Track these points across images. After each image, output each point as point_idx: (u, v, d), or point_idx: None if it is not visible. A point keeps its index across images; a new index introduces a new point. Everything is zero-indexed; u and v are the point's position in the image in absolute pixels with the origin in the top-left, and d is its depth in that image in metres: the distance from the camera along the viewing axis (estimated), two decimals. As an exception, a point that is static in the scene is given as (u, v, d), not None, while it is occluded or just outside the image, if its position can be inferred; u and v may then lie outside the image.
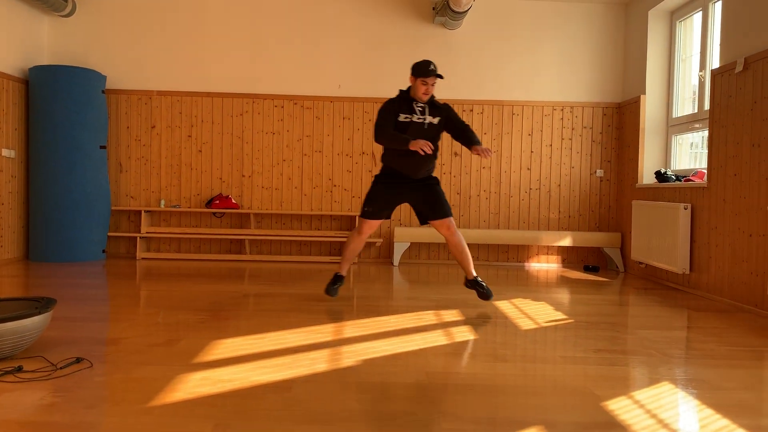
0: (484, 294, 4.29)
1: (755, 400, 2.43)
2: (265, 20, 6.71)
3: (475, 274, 4.35)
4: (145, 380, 2.49)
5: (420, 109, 4.20)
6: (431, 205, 4.27)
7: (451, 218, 4.27)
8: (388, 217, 4.39)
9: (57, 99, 6.08)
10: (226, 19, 6.71)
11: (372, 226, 4.31)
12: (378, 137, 4.13)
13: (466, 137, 4.22)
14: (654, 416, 2.23)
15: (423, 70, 4.11)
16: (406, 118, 4.17)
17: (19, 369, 2.55)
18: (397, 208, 6.70)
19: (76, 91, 6.13)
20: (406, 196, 4.32)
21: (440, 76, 4.12)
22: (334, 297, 4.41)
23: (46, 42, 6.64)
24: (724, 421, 2.19)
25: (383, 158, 4.33)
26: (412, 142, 3.92)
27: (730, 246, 4.61)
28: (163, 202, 6.67)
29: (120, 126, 6.72)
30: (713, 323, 3.92)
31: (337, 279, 4.40)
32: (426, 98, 4.19)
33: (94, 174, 6.28)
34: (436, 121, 4.23)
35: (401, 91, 4.27)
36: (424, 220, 4.34)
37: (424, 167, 4.24)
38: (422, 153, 3.89)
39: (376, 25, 6.73)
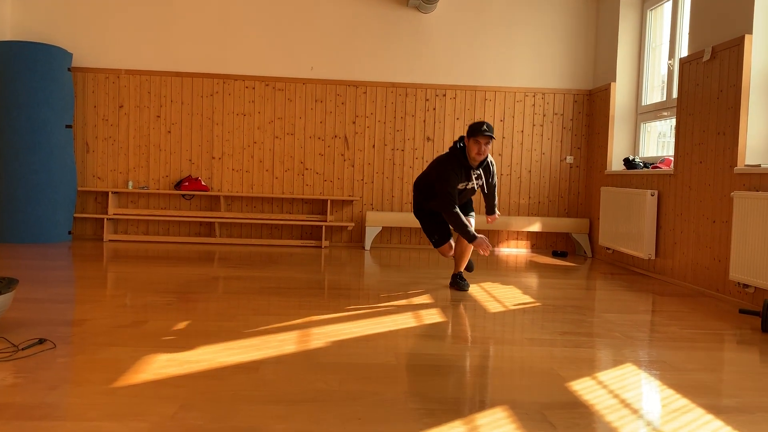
0: (461, 286, 4.37)
1: (714, 381, 2.50)
2: None
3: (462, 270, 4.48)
4: (109, 361, 2.46)
5: (476, 174, 4.26)
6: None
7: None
8: (449, 232, 4.53)
9: (20, 76, 5.92)
10: (197, -2, 6.59)
11: (446, 250, 4.51)
12: (450, 219, 4.12)
13: (489, 201, 4.51)
14: (617, 396, 2.27)
15: (477, 131, 4.05)
16: (463, 185, 4.24)
17: (-20, 350, 2.50)
18: (370, 190, 6.71)
19: (40, 69, 5.98)
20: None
21: (492, 136, 4.08)
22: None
23: (9, 18, 6.45)
24: (683, 401, 2.25)
25: (424, 200, 4.48)
26: (477, 242, 4.00)
27: (695, 232, 4.71)
28: (131, 183, 6.56)
29: (86, 105, 6.57)
30: (676, 307, 4.01)
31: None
32: (480, 158, 4.15)
33: (59, 154, 6.15)
34: (482, 181, 4.35)
35: (455, 152, 4.18)
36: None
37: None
38: (481, 253, 4.00)
39: (349, 7, 6.67)
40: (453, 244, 4.51)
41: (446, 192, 4.11)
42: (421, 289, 4.28)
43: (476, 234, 4.05)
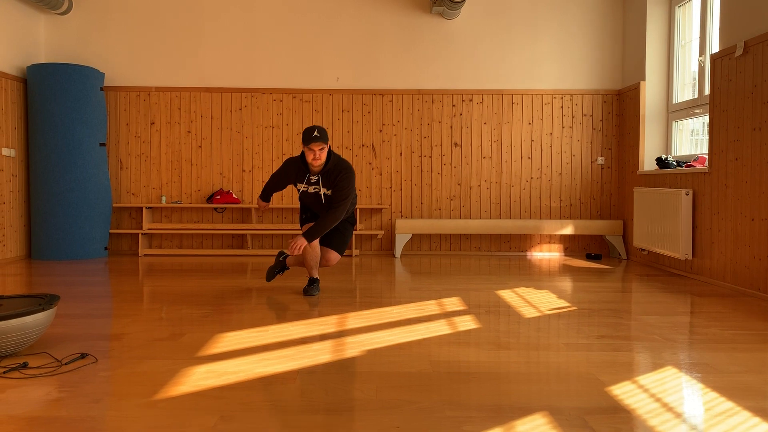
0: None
1: (759, 383, 2.43)
2: (261, 14, 6.69)
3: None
4: (149, 374, 2.50)
5: (313, 180, 4.15)
6: (331, 237, 4.36)
7: (339, 255, 4.37)
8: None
9: (55, 97, 6.07)
10: (223, 14, 6.69)
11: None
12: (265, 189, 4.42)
13: (315, 220, 4.30)
14: (658, 400, 2.23)
15: (305, 138, 3.97)
16: (302, 186, 4.21)
17: (25, 365, 2.56)
18: (398, 198, 6.71)
19: (74, 89, 6.13)
20: None
21: (323, 140, 3.94)
22: (314, 297, 4.24)
23: (43, 40, 6.63)
24: (728, 404, 2.19)
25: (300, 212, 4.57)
26: (259, 202, 4.42)
27: (733, 231, 4.61)
28: (164, 198, 6.67)
29: (119, 123, 6.71)
30: (716, 308, 3.92)
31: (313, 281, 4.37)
32: (317, 164, 4.04)
33: (94, 171, 6.28)
34: (330, 192, 4.15)
35: (302, 156, 4.17)
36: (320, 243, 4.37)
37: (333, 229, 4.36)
38: (258, 212, 4.00)
39: (373, 16, 6.71)
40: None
41: (274, 173, 4.38)
42: (453, 296, 4.26)
43: (261, 197, 4.39)
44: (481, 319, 3.55)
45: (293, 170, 4.20)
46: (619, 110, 6.74)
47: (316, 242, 4.20)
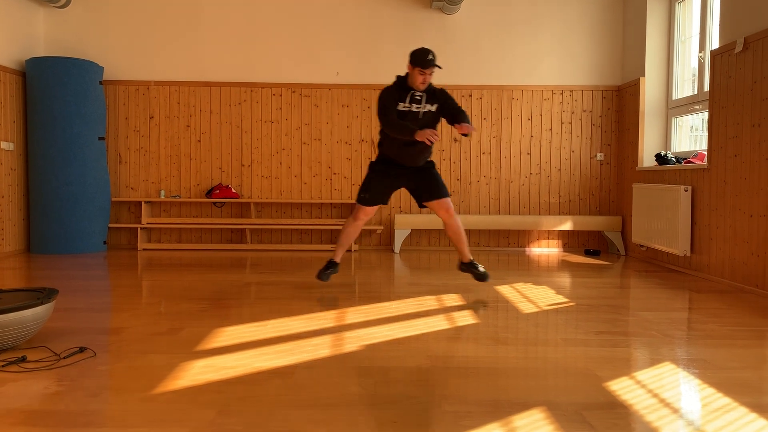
0: (480, 276, 4.29)
1: (757, 379, 2.44)
2: (261, 8, 6.68)
3: (470, 257, 4.34)
4: (148, 368, 2.50)
5: (418, 97, 4.13)
6: (428, 186, 4.25)
7: (449, 199, 4.25)
8: (385, 202, 4.36)
9: (54, 91, 6.06)
10: (223, 8, 6.67)
11: (368, 212, 4.30)
12: (386, 126, 4.07)
13: (456, 119, 4.11)
14: (656, 396, 2.24)
15: (421, 61, 3.99)
16: (405, 107, 4.12)
17: (23, 359, 2.56)
18: (398, 195, 6.71)
19: (73, 83, 6.12)
20: (402, 181, 4.30)
21: (438, 67, 4.04)
22: (325, 282, 4.36)
23: (42, 33, 6.61)
24: (725, 400, 2.20)
25: (381, 146, 4.30)
26: (419, 133, 3.89)
27: (731, 227, 4.61)
28: (163, 192, 6.67)
29: (118, 117, 6.70)
30: (714, 304, 3.93)
31: (331, 265, 4.36)
32: (423, 87, 4.12)
33: (93, 165, 6.27)
34: (434, 108, 4.17)
35: (398, 77, 4.19)
36: (421, 203, 4.31)
37: (422, 156, 4.23)
38: (429, 143, 3.88)
39: (373, 10, 6.69)
40: (370, 213, 4.30)
41: (381, 107, 4.08)
42: (452, 291, 4.26)
43: (416, 128, 3.95)
44: (480, 315, 3.55)
45: (395, 94, 4.11)
46: (618, 106, 6.74)
47: (461, 225, 4.25)
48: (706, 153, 5.10)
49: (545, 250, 6.76)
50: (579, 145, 6.79)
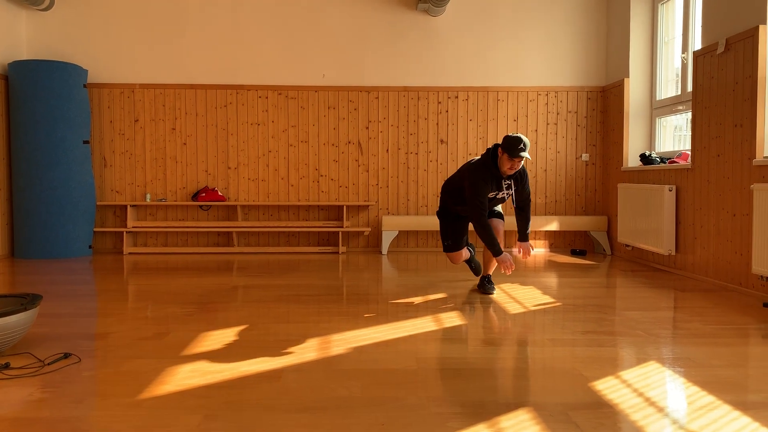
0: (487, 289, 4.33)
1: (740, 377, 2.46)
2: (246, 11, 6.66)
3: (490, 273, 4.44)
4: (134, 374, 2.48)
5: (506, 184, 4.21)
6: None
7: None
8: (466, 242, 4.62)
9: (38, 94, 6.01)
10: (208, 10, 6.65)
11: (457, 256, 4.55)
12: (476, 225, 4.10)
13: (522, 222, 4.32)
14: (641, 394, 2.25)
15: (512, 149, 3.95)
16: (493, 195, 4.21)
17: (6, 366, 2.54)
18: (385, 195, 6.72)
19: (57, 86, 6.07)
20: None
21: (527, 157, 4.06)
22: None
23: (25, 36, 6.55)
24: (710, 398, 2.22)
25: (453, 204, 4.44)
26: (500, 258, 4.03)
27: (715, 226, 4.66)
28: (148, 196, 6.63)
29: (103, 120, 6.65)
30: (699, 303, 3.96)
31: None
32: (511, 172, 4.11)
33: (78, 169, 6.22)
34: (513, 191, 4.26)
35: (486, 161, 4.12)
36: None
37: None
38: (502, 272, 4.17)
39: (358, 13, 6.69)
40: (463, 254, 4.56)
41: (476, 202, 4.07)
42: (440, 292, 4.27)
43: (502, 250, 4.06)
44: (467, 316, 3.56)
45: (488, 183, 4.13)
46: (603, 107, 6.79)
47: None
48: (689, 153, 5.15)
49: (532, 251, 6.78)
50: (564, 146, 6.83)
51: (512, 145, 3.95)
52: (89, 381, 2.40)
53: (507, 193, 4.24)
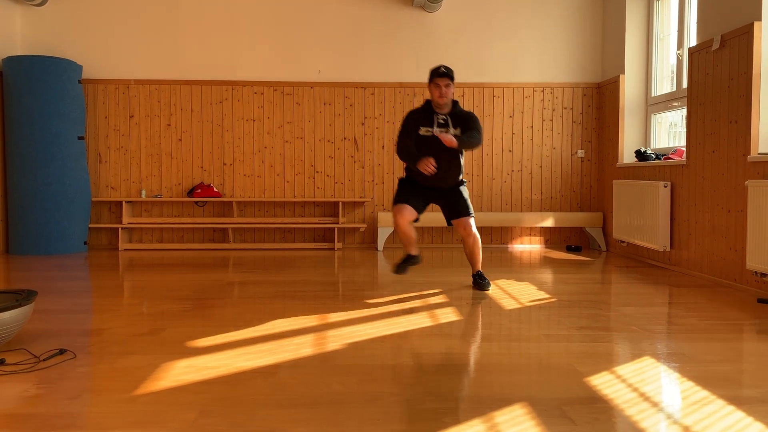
0: (480, 285, 4.25)
1: (735, 372, 2.48)
2: (242, 6, 6.64)
3: (479, 269, 4.32)
4: (129, 369, 2.48)
5: (443, 121, 4.10)
6: (451, 205, 4.23)
7: (470, 219, 4.19)
8: (420, 210, 4.21)
9: (32, 90, 5.98)
10: (204, 6, 6.63)
11: (404, 214, 4.11)
12: (398, 152, 4.11)
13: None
14: (636, 390, 2.26)
15: (433, 72, 4.02)
16: (428, 131, 4.08)
17: (2, 362, 2.53)
18: (381, 191, 6.71)
19: (51, 82, 6.04)
20: (432, 197, 4.26)
21: (449, 76, 4.01)
22: (404, 274, 4.35)
23: (20, 32, 6.52)
24: (704, 393, 2.23)
25: (405, 169, 4.29)
26: (419, 162, 3.88)
27: (710, 222, 4.67)
28: (144, 192, 6.61)
29: (98, 116, 6.63)
30: (694, 299, 3.98)
31: (410, 257, 4.31)
32: (443, 101, 4.06)
33: (73, 165, 6.20)
34: (458, 132, 4.08)
35: (426, 100, 4.17)
36: (448, 221, 4.29)
37: (447, 177, 4.15)
38: (426, 172, 3.86)
39: (354, 8, 6.68)
40: (409, 214, 4.14)
41: (400, 129, 4.15)
42: (435, 288, 4.27)
43: (418, 156, 3.95)
44: (463, 311, 3.57)
45: (418, 116, 4.10)
46: (598, 103, 6.80)
47: (477, 246, 4.23)
48: (684, 149, 5.16)
49: (527, 247, 6.80)
50: (560, 142, 6.84)
51: (433, 71, 4.05)
52: (84, 377, 2.40)
53: (446, 131, 4.03)
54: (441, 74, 4.02)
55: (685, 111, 5.24)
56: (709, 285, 4.45)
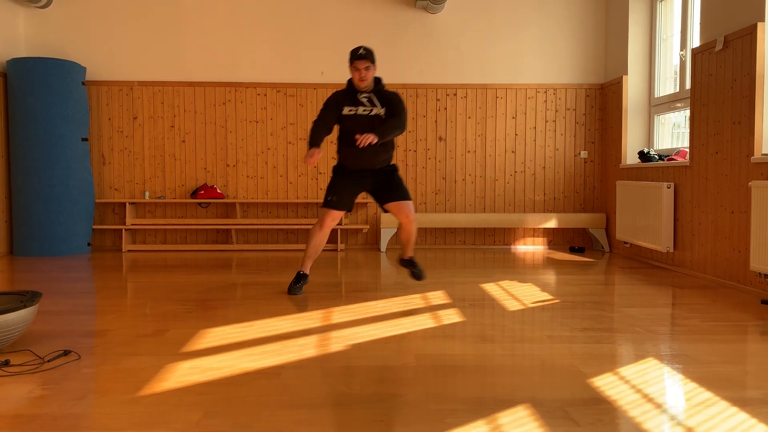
0: (417, 274, 4.34)
1: (738, 374, 2.47)
2: (245, 8, 6.65)
3: (412, 255, 4.38)
4: (133, 370, 2.49)
5: (365, 99, 4.08)
6: (388, 188, 4.18)
7: (410, 203, 4.18)
8: (350, 208, 4.26)
9: (36, 91, 6.00)
10: (207, 7, 6.64)
11: (335, 217, 4.12)
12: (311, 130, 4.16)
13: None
14: (639, 391, 2.26)
15: (352, 55, 4.02)
16: (351, 110, 4.09)
17: (6, 363, 2.54)
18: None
19: (55, 83, 6.06)
20: (364, 183, 4.20)
21: (368, 58, 3.99)
22: (298, 295, 4.09)
23: (23, 34, 6.54)
24: (707, 394, 2.23)
25: (338, 151, 4.26)
26: (307, 152, 3.96)
27: (713, 223, 4.67)
28: (147, 193, 6.63)
29: (101, 117, 6.65)
30: (697, 300, 3.97)
31: (301, 277, 4.15)
32: (363, 84, 4.05)
33: (76, 167, 6.22)
34: (382, 112, 4.07)
35: (349, 81, 4.15)
36: (382, 205, 4.22)
37: (377, 158, 4.13)
38: (307, 164, 3.94)
39: (357, 10, 6.69)
40: (337, 217, 4.13)
41: (320, 111, 4.17)
42: (438, 290, 4.28)
43: (318, 144, 4.03)
44: (466, 313, 3.57)
45: (341, 96, 4.11)
46: (601, 104, 6.79)
47: (414, 231, 4.21)
48: (688, 150, 5.16)
49: (530, 248, 6.80)
50: (563, 143, 6.83)
51: (351, 54, 4.03)
52: (89, 378, 2.41)
53: (372, 111, 4.05)
54: (360, 57, 4.00)
55: (688, 112, 5.24)
56: (712, 286, 4.44)
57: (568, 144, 6.84)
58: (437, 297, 4.03)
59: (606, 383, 2.34)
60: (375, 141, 3.86)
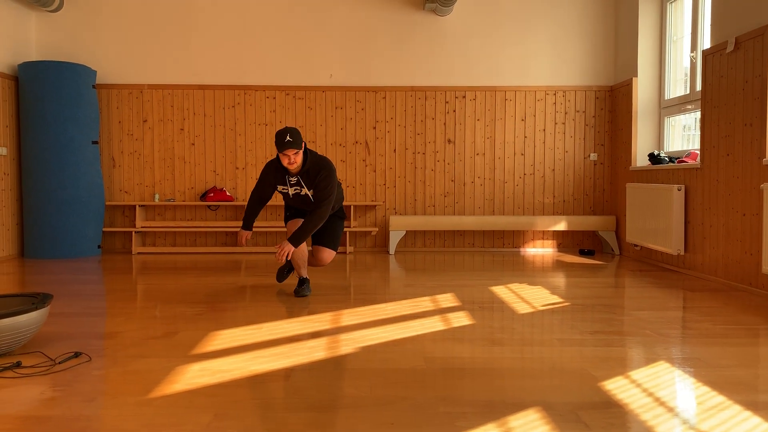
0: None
1: (750, 377, 2.45)
2: (254, 11, 6.68)
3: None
4: (143, 372, 2.50)
5: (293, 181, 4.06)
6: (323, 231, 4.27)
7: (332, 253, 4.31)
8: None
9: (47, 95, 6.05)
10: (216, 11, 6.67)
11: (291, 225, 4.24)
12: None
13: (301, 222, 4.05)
14: (651, 394, 2.24)
15: (277, 143, 3.84)
16: (283, 189, 4.13)
17: (18, 365, 2.56)
18: (392, 195, 6.71)
19: (66, 87, 6.10)
20: None
21: (295, 146, 3.82)
22: (307, 296, 4.16)
23: (35, 38, 6.59)
24: (720, 398, 2.21)
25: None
26: (239, 232, 4.23)
27: (724, 226, 4.63)
28: (157, 196, 6.65)
29: (111, 121, 6.69)
30: (708, 303, 3.95)
31: (303, 281, 4.22)
32: (293, 168, 3.95)
33: (87, 170, 6.26)
34: (311, 193, 4.05)
35: (278, 155, 4.00)
36: (312, 243, 4.34)
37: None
38: (237, 244, 4.22)
39: (366, 13, 6.70)
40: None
41: (258, 179, 4.21)
42: (447, 292, 4.27)
43: (249, 225, 4.26)
44: (475, 316, 3.56)
45: (272, 174, 4.09)
46: (611, 106, 6.76)
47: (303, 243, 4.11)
48: (698, 152, 5.13)
49: (540, 251, 6.78)
50: (573, 146, 6.81)
51: (277, 140, 3.84)
52: (99, 380, 2.42)
53: (298, 190, 4.07)
54: (287, 144, 3.81)
55: (698, 114, 5.21)
56: (723, 289, 4.41)
57: (577, 146, 6.81)
58: (446, 300, 4.02)
59: (617, 387, 2.33)
60: (292, 250, 3.88)
